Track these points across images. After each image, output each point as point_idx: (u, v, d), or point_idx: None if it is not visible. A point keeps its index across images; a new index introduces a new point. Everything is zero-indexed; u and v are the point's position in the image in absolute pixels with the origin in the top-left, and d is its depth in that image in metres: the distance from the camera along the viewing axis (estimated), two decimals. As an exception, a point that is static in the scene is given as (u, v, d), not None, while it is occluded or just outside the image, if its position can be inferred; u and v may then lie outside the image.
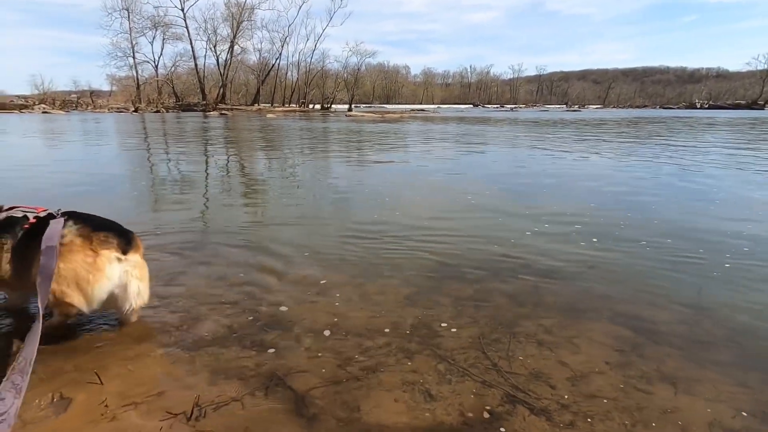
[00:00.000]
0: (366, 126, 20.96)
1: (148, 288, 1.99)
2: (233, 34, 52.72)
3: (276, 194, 5.34)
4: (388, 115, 35.52)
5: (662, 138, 14.23)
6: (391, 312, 2.25)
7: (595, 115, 44.12)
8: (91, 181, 6.24)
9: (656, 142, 12.52)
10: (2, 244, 1.82)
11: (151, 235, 3.45)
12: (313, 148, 11.13)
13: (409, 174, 6.88)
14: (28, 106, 41.22)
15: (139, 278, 1.90)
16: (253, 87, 58.93)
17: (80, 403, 1.45)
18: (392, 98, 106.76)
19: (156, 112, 41.58)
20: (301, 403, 1.52)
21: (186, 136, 14.92)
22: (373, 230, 3.66)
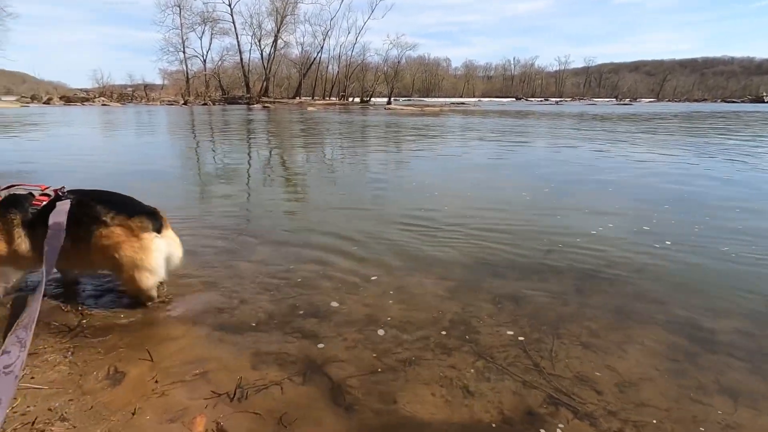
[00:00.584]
0: (405, 119, 20.86)
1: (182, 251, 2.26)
2: (277, 28, 53.84)
3: (318, 185, 5.42)
4: (428, 109, 35.16)
5: (733, 134, 13.22)
6: (429, 306, 2.22)
7: (649, 108, 41.64)
8: (144, 169, 6.59)
9: (728, 139, 11.65)
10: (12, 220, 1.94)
11: (197, 221, 3.60)
12: (353, 140, 11.21)
13: (451, 167, 6.78)
14: (90, 98, 44.09)
15: (176, 247, 2.20)
16: (295, 80, 60.03)
17: (133, 378, 1.53)
18: (432, 91, 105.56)
19: (203, 105, 43.33)
20: (338, 391, 1.53)
21: (231, 128, 15.45)
22: (414, 223, 3.64)
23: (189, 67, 53.92)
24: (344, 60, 60.25)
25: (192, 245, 3.01)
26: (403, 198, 4.63)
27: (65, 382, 1.46)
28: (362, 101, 57.89)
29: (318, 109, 34.56)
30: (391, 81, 64.32)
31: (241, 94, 52.53)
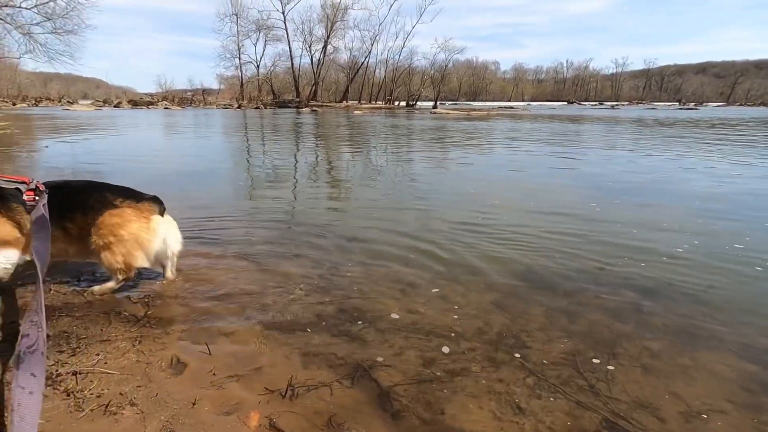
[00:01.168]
0: (452, 123, 20.67)
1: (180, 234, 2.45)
2: (327, 34, 55.27)
3: (365, 188, 5.49)
4: (475, 113, 34.65)
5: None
6: (476, 316, 2.19)
7: (719, 113, 38.56)
8: (200, 169, 6.98)
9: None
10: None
11: (248, 221, 3.76)
12: (399, 144, 11.26)
13: (503, 173, 6.64)
14: (154, 102, 47.35)
15: (176, 229, 2.42)
16: (343, 85, 61.26)
17: (193, 369, 1.62)
18: (479, 95, 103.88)
19: (256, 108, 45.21)
20: (385, 397, 1.54)
21: (282, 131, 16.01)
22: (463, 230, 3.59)
23: (243, 73, 56.58)
24: (391, 64, 60.78)
25: (243, 244, 3.15)
26: (452, 204, 4.58)
27: (133, 368, 1.57)
28: (408, 105, 58.07)
29: (364, 113, 35.04)
30: (438, 85, 64.03)
31: (291, 98, 54.35)
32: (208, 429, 1.30)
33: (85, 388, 1.41)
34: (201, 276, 2.55)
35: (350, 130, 16.71)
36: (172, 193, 4.88)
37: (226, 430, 1.31)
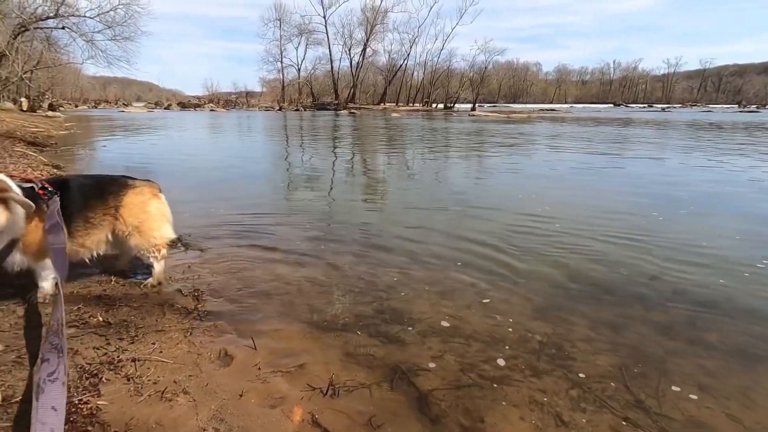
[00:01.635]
0: (491, 126, 20.33)
1: None
2: (366, 38, 55.84)
3: (403, 190, 5.51)
4: (515, 115, 33.91)
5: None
6: (516, 323, 2.15)
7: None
8: (243, 169, 7.24)
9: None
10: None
11: (286, 220, 3.86)
12: (437, 146, 11.21)
13: (544, 176, 6.47)
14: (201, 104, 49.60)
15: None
16: (381, 87, 61.62)
17: (240, 362, 1.69)
18: (519, 97, 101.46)
19: (296, 111, 46.36)
20: (424, 401, 1.54)
21: (320, 132, 16.33)
22: (500, 233, 3.53)
23: (285, 76, 58.15)
24: (429, 66, 60.53)
25: (284, 243, 3.24)
26: (493, 207, 4.51)
27: (186, 358, 1.66)
28: (446, 107, 57.64)
29: (401, 115, 35.11)
30: (477, 87, 63.15)
31: (329, 100, 55.30)
32: (254, 420, 1.36)
33: (143, 375, 1.50)
34: (245, 272, 2.65)
35: (388, 132, 16.79)
36: (217, 192, 5.09)
37: (271, 422, 1.36)
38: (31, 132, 11.30)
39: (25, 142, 8.73)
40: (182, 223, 3.65)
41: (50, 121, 17.54)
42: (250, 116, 32.42)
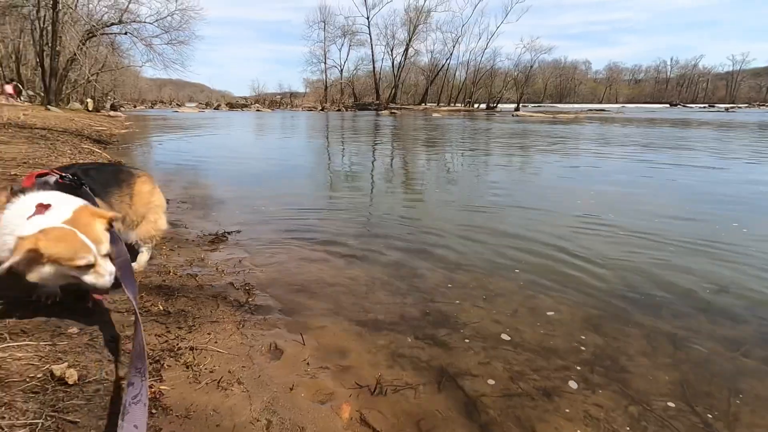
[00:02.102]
0: (536, 126, 19.72)
1: None
2: (409, 37, 55.84)
3: (445, 191, 5.45)
4: (561, 116, 32.71)
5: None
6: (568, 334, 2.06)
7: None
8: (288, 167, 7.44)
9: None
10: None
11: (330, 218, 3.91)
12: (479, 146, 11.02)
13: (595, 179, 6.19)
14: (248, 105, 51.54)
15: None
16: (422, 87, 61.42)
17: (289, 356, 1.73)
18: (566, 97, 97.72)
19: (337, 111, 47.12)
20: (472, 407, 1.51)
21: (362, 132, 16.49)
22: (548, 237, 3.41)
23: (328, 77, 59.26)
24: (472, 66, 59.65)
25: (329, 241, 3.29)
26: (540, 210, 4.37)
27: (239, 350, 1.72)
28: (488, 108, 56.58)
29: (443, 116, 34.82)
30: (521, 86, 61.49)
31: (371, 100, 55.76)
32: (305, 415, 1.39)
33: (201, 363, 1.57)
34: (293, 269, 2.71)
35: (429, 132, 16.69)
36: (264, 189, 5.26)
37: (321, 418, 1.39)
38: (96, 130, 12.17)
39: (91, 140, 9.41)
40: (231, 219, 3.80)
41: (112, 120, 18.82)
42: (293, 116, 33.29)
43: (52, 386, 1.27)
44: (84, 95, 28.68)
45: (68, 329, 1.61)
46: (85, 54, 22.07)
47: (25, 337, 1.49)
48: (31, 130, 8.45)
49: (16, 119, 10.16)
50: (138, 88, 61.55)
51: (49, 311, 1.73)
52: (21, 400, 1.19)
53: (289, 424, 1.34)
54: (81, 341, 1.55)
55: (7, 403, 1.16)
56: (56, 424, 1.14)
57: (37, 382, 1.27)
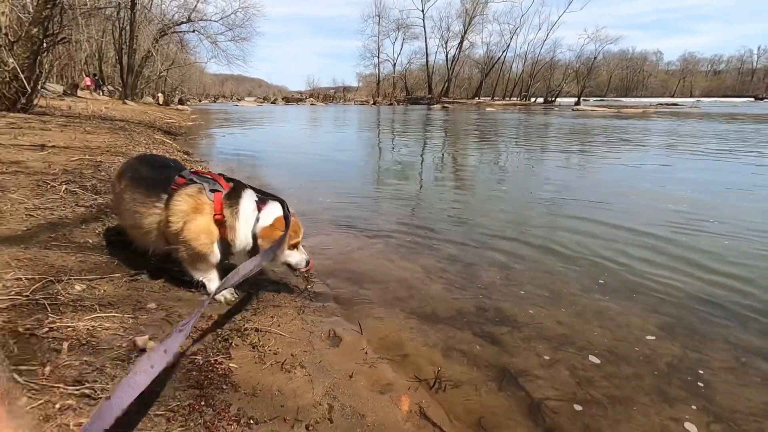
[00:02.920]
0: (598, 122, 18.62)
1: None
2: (464, 30, 54.64)
3: (501, 187, 5.29)
4: (627, 110, 30.66)
5: None
6: (639, 340, 1.92)
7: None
8: (341, 159, 7.55)
9: None
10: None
11: (385, 210, 3.92)
12: (535, 143, 10.58)
13: (665, 179, 5.73)
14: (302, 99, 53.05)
15: None
16: (476, 81, 60.02)
17: (347, 344, 1.75)
18: (632, 90, 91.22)
19: (389, 105, 47.25)
20: (536, 409, 1.45)
21: (412, 126, 16.40)
22: (627, 241, 3.20)
23: (380, 71, 59.50)
24: (530, 58, 57.34)
25: (384, 232, 3.29)
26: (602, 209, 4.11)
27: (300, 334, 1.77)
28: (546, 101, 54.26)
29: (497, 110, 33.83)
30: (583, 79, 58.26)
31: (423, 94, 55.34)
32: (364, 403, 1.39)
33: (265, 345, 1.63)
34: (349, 258, 2.75)
35: (483, 127, 16.27)
36: (319, 180, 5.38)
37: (381, 407, 1.39)
38: (166, 122, 13.05)
39: (162, 131, 10.09)
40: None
41: (180, 113, 20.10)
42: (345, 110, 33.80)
43: (135, 356, 1.37)
44: (155, 90, 30.86)
45: (147, 305, 1.73)
46: (157, 51, 23.70)
47: (112, 309, 1.62)
48: (111, 121, 9.21)
49: (99, 112, 11.13)
50: (202, 83, 65.30)
51: (130, 287, 1.87)
52: (110, 367, 1.29)
53: (350, 410, 1.35)
54: (158, 316, 1.66)
55: (99, 368, 1.27)
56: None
57: (123, 352, 1.38)
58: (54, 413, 1.06)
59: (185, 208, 1.76)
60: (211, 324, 1.70)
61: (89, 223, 2.52)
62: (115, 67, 26.86)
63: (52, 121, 7.08)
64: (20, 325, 1.38)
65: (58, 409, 1.08)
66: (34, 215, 2.46)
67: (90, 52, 25.61)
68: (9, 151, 4.06)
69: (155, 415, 1.15)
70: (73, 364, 1.25)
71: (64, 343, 1.34)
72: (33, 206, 2.59)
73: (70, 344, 1.34)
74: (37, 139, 4.91)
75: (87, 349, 1.35)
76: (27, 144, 4.55)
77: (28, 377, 1.16)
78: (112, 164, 4.18)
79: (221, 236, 1.80)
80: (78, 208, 2.74)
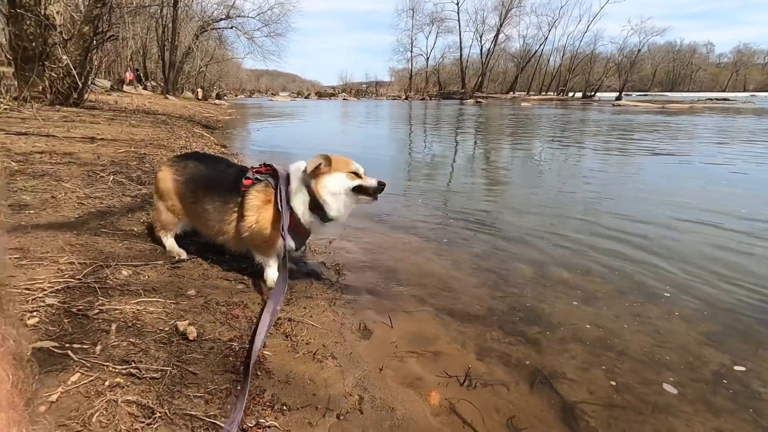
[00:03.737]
0: (641, 118, 17.79)
1: None
2: (500, 22, 53.39)
3: (533, 185, 5.16)
4: (672, 106, 29.15)
5: None
6: (681, 347, 1.83)
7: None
8: (374, 154, 7.58)
9: None
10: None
11: (417, 205, 3.90)
12: (572, 140, 10.24)
13: (713, 178, 5.42)
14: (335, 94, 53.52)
15: None
16: (511, 75, 58.62)
17: (377, 337, 1.77)
18: (679, 84, 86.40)
19: (421, 100, 46.91)
20: (569, 413, 1.42)
21: (444, 122, 16.22)
22: (652, 237, 3.06)
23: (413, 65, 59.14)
24: (569, 51, 55.39)
25: (415, 227, 3.29)
26: (640, 208, 3.94)
27: (331, 326, 1.80)
28: (584, 96, 52.34)
29: (533, 105, 32.95)
30: (625, 73, 55.74)
31: (456, 89, 54.61)
32: (394, 396, 1.40)
33: (298, 334, 1.67)
34: (379, 252, 2.76)
35: (518, 123, 15.89)
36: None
37: (410, 401, 1.39)
38: (205, 116, 13.49)
39: (201, 125, 10.45)
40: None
41: (217, 107, 20.72)
42: (377, 105, 33.82)
43: (176, 339, 1.43)
44: (194, 85, 31.94)
45: (187, 291, 1.80)
46: (197, 47, 24.50)
47: (155, 294, 1.70)
48: (154, 115, 9.62)
49: (143, 106, 11.64)
50: (239, 78, 66.96)
51: (171, 274, 1.96)
52: (153, 349, 1.35)
53: (380, 402, 1.36)
54: (198, 303, 1.73)
55: (144, 349, 1.33)
56: (181, 372, 1.28)
57: (165, 335, 1.45)
58: (104, 389, 1.13)
59: (257, 203, 1.91)
60: (247, 312, 1.75)
61: (134, 212, 2.65)
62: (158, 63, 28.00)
63: (100, 115, 7.47)
64: (74, 306, 1.47)
65: (108, 386, 1.15)
66: (85, 203, 2.62)
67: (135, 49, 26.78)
68: (63, 143, 4.31)
69: (195, 396, 1.20)
70: (120, 345, 1.33)
71: (112, 324, 1.42)
72: (84, 195, 2.75)
73: (117, 326, 1.42)
74: (87, 132, 5.19)
75: (133, 330, 1.42)
76: (78, 136, 4.82)
77: (81, 355, 1.24)
78: (155, 156, 4.37)
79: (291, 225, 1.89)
80: (124, 198, 2.88)
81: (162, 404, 1.13)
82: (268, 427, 1.17)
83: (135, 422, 1.06)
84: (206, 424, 1.11)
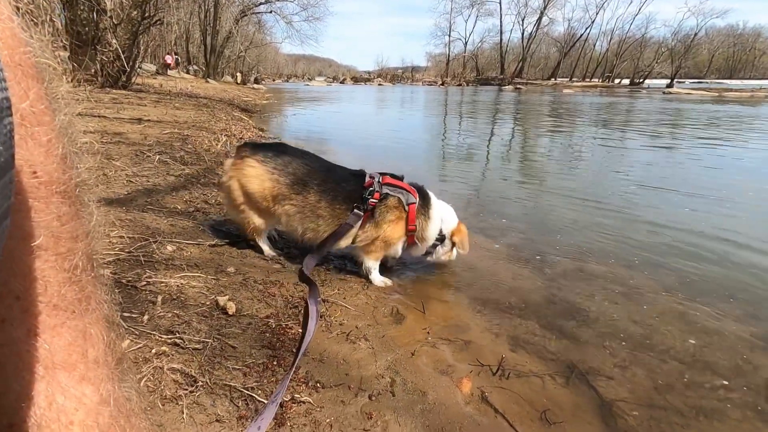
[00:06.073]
0: (697, 107, 16.69)
1: None
2: (544, 5, 51.12)
3: (572, 178, 4.98)
4: (730, 94, 27.16)
5: None
6: (731, 349, 1.73)
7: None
8: (406, 142, 7.52)
9: None
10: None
11: (445, 189, 3.85)
12: (617, 132, 9.76)
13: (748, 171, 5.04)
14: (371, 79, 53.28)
15: None
16: (553, 60, 56.28)
17: (410, 323, 1.77)
18: (739, 71, 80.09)
19: (458, 86, 45.96)
20: (607, 411, 1.37)
21: (481, 111, 15.84)
22: (696, 232, 2.88)
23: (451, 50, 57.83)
24: (617, 35, 52.45)
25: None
26: (690, 207, 3.72)
27: (364, 308, 1.82)
28: (632, 83, 49.60)
29: (575, 92, 31.56)
30: (679, 59, 52.26)
31: (494, 75, 53.07)
32: (426, 381, 1.41)
33: (332, 315, 1.70)
34: (413, 239, 2.75)
35: (561, 113, 15.30)
36: (382, 160, 5.41)
37: (442, 387, 1.39)
38: (243, 100, 13.78)
39: (240, 109, 10.69)
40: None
41: (255, 92, 21.12)
42: (413, 91, 33.41)
43: (216, 313, 1.49)
44: (234, 70, 32.63)
45: (227, 268, 1.87)
46: (237, 31, 24.94)
47: (197, 270, 1.76)
48: (196, 99, 9.92)
49: (185, 90, 12.03)
50: (276, 63, 67.84)
51: (212, 252, 2.03)
52: (196, 321, 1.41)
53: (411, 386, 1.37)
54: (237, 280, 1.78)
55: (187, 321, 1.40)
56: (221, 345, 1.33)
57: (206, 308, 1.51)
58: (151, 357, 1.20)
59: (389, 218, 2.02)
60: (283, 291, 1.80)
61: (178, 191, 2.76)
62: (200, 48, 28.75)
63: (146, 98, 7.77)
64: (123, 278, 1.56)
65: (154, 353, 1.21)
66: (133, 181, 2.74)
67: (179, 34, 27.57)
68: (113, 123, 4.53)
69: (233, 368, 1.25)
70: (166, 316, 1.40)
71: (158, 296, 1.49)
72: (132, 173, 2.89)
73: (163, 298, 1.49)
74: (135, 113, 5.43)
75: (177, 303, 1.49)
76: (127, 117, 5.05)
77: (130, 323, 1.31)
78: (197, 138, 4.52)
79: (409, 241, 2.09)
80: (168, 177, 3.00)
81: (203, 374, 1.18)
82: (303, 402, 1.20)
83: (179, 389, 1.12)
84: (244, 395, 1.16)
